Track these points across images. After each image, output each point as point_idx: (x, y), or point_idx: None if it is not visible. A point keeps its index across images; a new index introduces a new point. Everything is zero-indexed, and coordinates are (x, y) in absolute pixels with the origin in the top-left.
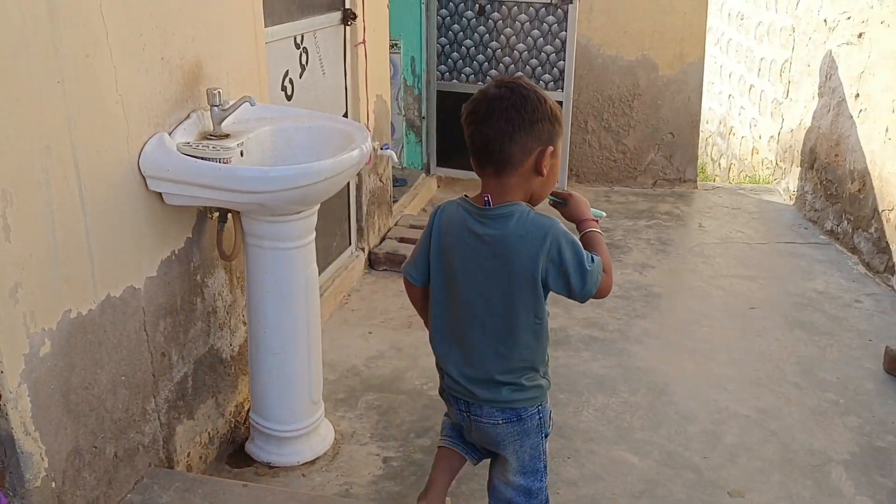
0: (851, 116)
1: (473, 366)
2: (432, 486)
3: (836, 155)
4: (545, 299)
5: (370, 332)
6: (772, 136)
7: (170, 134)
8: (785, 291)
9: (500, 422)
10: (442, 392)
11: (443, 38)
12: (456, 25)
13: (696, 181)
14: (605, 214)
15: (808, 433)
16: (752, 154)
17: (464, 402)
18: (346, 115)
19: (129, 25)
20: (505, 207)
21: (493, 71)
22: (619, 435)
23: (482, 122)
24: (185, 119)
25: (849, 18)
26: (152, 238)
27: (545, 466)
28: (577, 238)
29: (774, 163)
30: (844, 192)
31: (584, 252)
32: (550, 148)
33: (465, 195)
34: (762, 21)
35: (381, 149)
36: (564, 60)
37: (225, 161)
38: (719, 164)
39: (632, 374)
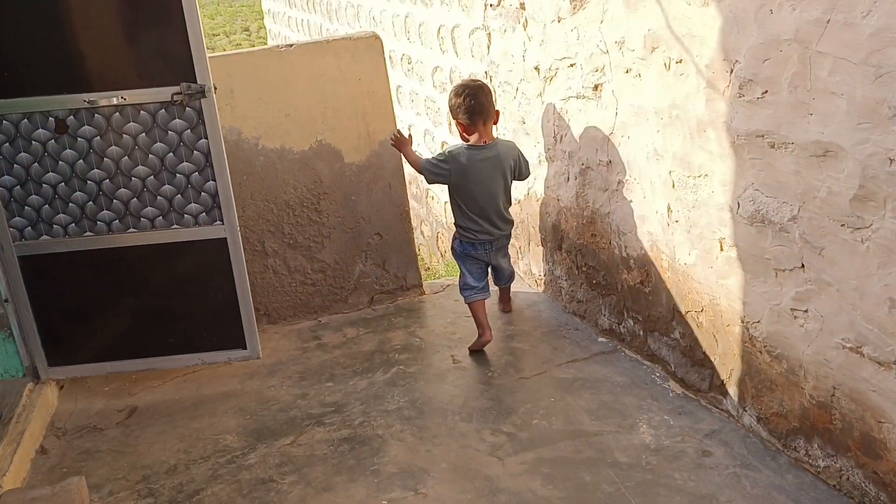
0: (607, 189)
1: (493, 222)
2: (483, 326)
3: (594, 235)
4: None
5: None
6: None
7: None
8: (615, 463)
9: (505, 242)
10: (471, 247)
11: (7, 178)
12: (24, 155)
13: (421, 285)
14: None
15: None
16: None
17: (489, 243)
18: None
19: None
20: (493, 142)
21: (104, 213)
22: None
23: (475, 96)
24: None
25: (572, 66)
26: None
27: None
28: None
29: None
30: (618, 282)
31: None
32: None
33: (469, 144)
34: (439, 66)
35: None
36: (215, 180)
37: None
38: (422, 232)
39: None
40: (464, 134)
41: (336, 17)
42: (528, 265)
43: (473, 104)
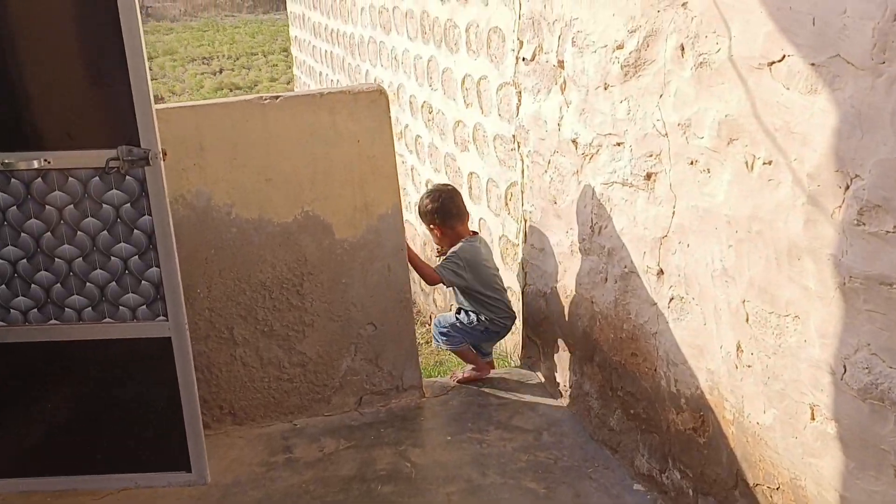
0: (656, 303)
1: (507, 299)
2: (481, 366)
3: (635, 355)
4: None
5: None
6: (508, 288)
7: None
8: None
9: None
10: (504, 329)
11: None
12: None
13: (420, 386)
14: None
15: None
16: None
17: (510, 319)
18: None
19: None
20: (472, 234)
21: (19, 300)
22: None
23: (452, 199)
24: None
25: (618, 144)
26: None
27: None
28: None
29: (522, 333)
30: (664, 421)
31: None
32: None
33: (465, 239)
34: (462, 121)
35: None
36: (159, 266)
37: None
38: (434, 300)
39: None
40: (447, 239)
41: (358, 53)
42: (552, 371)
43: (451, 206)
